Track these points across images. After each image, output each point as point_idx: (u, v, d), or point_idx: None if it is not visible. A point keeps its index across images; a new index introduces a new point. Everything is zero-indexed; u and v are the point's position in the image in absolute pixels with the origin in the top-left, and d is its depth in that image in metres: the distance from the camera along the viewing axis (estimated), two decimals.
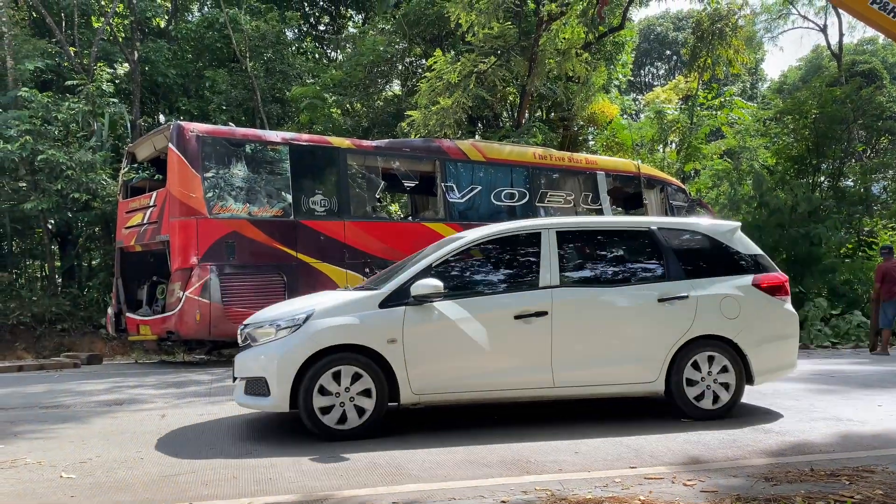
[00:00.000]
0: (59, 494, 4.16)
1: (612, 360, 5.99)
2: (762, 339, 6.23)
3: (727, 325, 6.13)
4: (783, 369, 6.53)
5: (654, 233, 6.42)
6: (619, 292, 6.18)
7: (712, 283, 6.24)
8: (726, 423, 5.96)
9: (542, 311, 5.83)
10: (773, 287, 6.40)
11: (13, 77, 16.78)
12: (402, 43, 23.20)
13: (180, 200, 10.66)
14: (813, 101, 18.75)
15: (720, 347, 6.12)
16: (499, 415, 6.52)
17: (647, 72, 50.24)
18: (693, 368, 6.06)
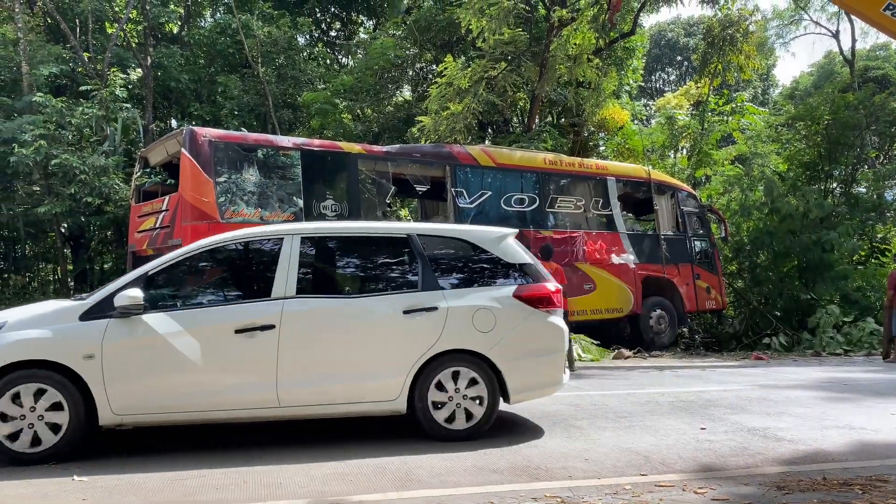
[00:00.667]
0: (72, 497, 4.19)
1: (348, 378, 5.49)
2: (520, 355, 5.78)
3: (479, 338, 5.66)
4: (546, 387, 6.03)
5: (411, 240, 5.96)
6: (361, 304, 5.68)
7: (467, 294, 5.81)
8: (737, 433, 5.92)
9: (268, 325, 5.35)
10: (537, 298, 5.92)
11: (28, 82, 16.94)
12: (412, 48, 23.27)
13: (192, 205, 10.71)
14: (825, 107, 18.65)
15: (472, 363, 5.66)
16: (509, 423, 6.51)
17: (657, 77, 50.15)
18: (440, 386, 5.60)
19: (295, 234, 5.76)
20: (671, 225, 15.74)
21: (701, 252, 16.04)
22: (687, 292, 15.39)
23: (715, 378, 9.85)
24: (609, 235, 14.66)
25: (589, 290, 14.01)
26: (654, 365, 11.95)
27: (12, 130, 15.15)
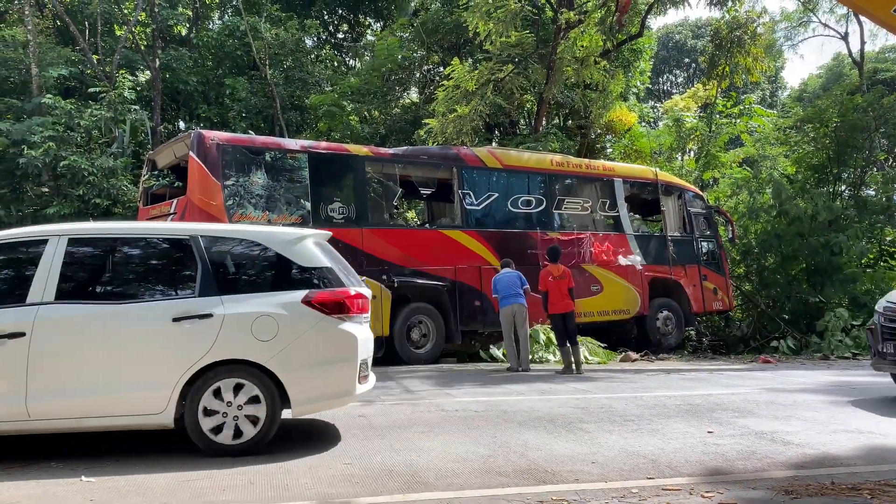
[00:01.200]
0: (79, 497, 4.20)
1: (108, 389, 5.12)
2: (305, 364, 5.41)
3: (258, 347, 5.29)
4: (334, 398, 5.64)
5: (193, 242, 5.58)
6: (126, 311, 5.29)
7: (250, 300, 5.44)
8: (744, 437, 5.90)
9: (18, 333, 5.00)
10: (330, 304, 5.53)
11: (38, 84, 17.05)
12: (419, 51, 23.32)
13: (200, 208, 10.74)
14: (834, 110, 18.58)
15: (249, 373, 5.29)
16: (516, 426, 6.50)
17: (665, 80, 50.07)
18: (214, 397, 5.23)
19: (62, 235, 5.41)
20: (678, 226, 15.71)
21: (708, 253, 16.00)
22: (694, 293, 15.36)
23: (722, 381, 9.81)
24: (616, 237, 14.65)
25: (596, 291, 14.00)
26: (661, 368, 11.91)
27: (22, 132, 15.25)
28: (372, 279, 11.71)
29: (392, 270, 11.91)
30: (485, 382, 9.48)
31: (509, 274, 11.07)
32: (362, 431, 6.07)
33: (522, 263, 12.15)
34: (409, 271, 12.15)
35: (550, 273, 10.82)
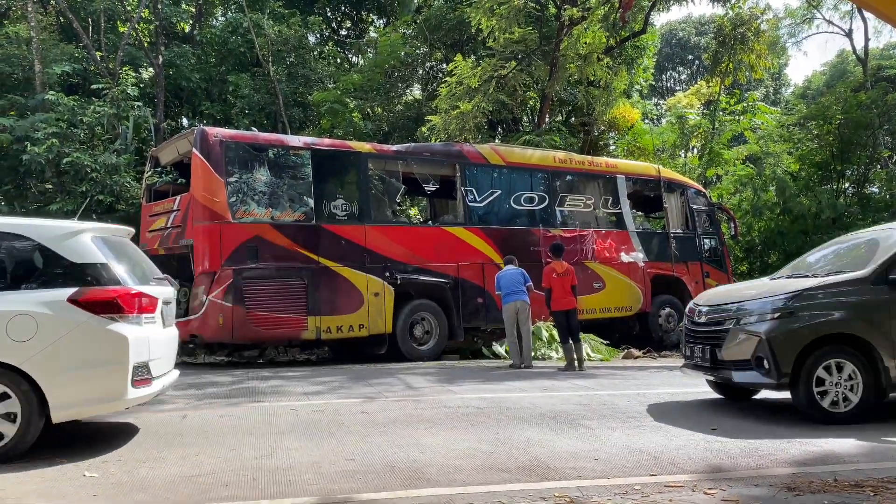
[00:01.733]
0: (83, 493, 4.22)
1: None
2: (68, 367, 5.09)
3: (13, 349, 4.94)
4: (102, 402, 5.36)
5: None
6: None
7: (5, 297, 5.09)
8: (748, 434, 5.89)
9: None
10: (100, 303, 5.20)
11: (41, 81, 17.06)
12: (422, 47, 23.29)
13: (204, 205, 10.75)
14: (837, 107, 18.55)
15: (4, 375, 4.95)
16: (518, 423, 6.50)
17: (668, 77, 49.96)
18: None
19: None
20: (681, 223, 15.69)
21: (710, 250, 15.98)
22: (696, 290, 15.33)
23: None
24: (618, 234, 14.64)
25: (598, 288, 13.99)
26: (663, 365, 11.91)
27: (25, 129, 15.27)
28: (375, 276, 11.72)
29: (395, 267, 11.91)
30: (487, 379, 9.49)
31: (512, 271, 11.08)
32: (365, 428, 6.07)
33: (525, 260, 12.14)
34: (412, 268, 12.15)
35: (554, 270, 10.82)
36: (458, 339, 12.74)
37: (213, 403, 7.56)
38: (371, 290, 11.58)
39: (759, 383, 6.48)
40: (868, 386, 6.21)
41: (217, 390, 8.67)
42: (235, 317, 10.60)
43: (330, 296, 11.29)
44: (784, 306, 6.38)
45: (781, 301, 6.43)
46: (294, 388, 8.50)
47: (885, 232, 7.13)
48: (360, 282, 11.60)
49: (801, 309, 6.34)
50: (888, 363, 6.19)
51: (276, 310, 10.88)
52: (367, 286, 11.57)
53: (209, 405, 7.45)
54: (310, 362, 12.76)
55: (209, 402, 7.71)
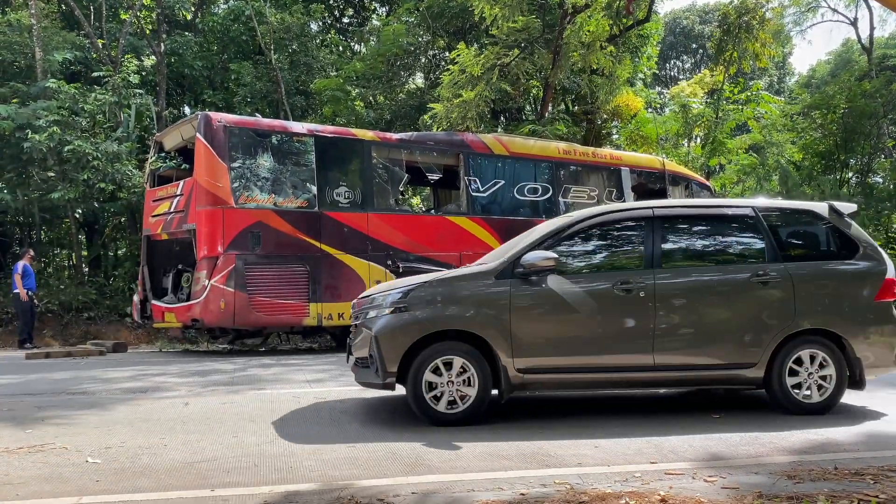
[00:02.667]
0: (85, 479, 4.23)
1: None
2: None
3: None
4: None
5: None
6: None
7: None
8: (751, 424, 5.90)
9: None
10: None
11: (42, 68, 17.03)
12: (425, 35, 23.19)
13: (207, 190, 10.76)
14: (841, 96, 18.48)
15: None
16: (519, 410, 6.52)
17: (672, 65, 49.75)
18: None
19: None
20: None
21: None
22: None
23: None
24: None
25: None
26: None
27: (27, 116, 15.25)
28: (377, 263, 11.73)
29: (397, 255, 11.93)
30: None
31: None
32: (366, 415, 6.09)
33: None
34: (414, 257, 12.17)
35: None
36: None
37: (215, 390, 7.59)
38: (373, 278, 11.61)
39: (371, 383, 5.87)
40: (484, 385, 5.64)
41: (219, 377, 8.70)
42: (237, 302, 10.64)
43: (332, 282, 11.32)
44: (399, 300, 5.82)
45: (398, 294, 5.87)
46: (296, 375, 8.52)
47: (557, 219, 6.58)
48: (362, 269, 11.62)
49: (415, 303, 5.77)
50: (506, 362, 5.68)
51: (278, 295, 10.92)
52: (369, 274, 11.60)
53: (212, 392, 7.48)
54: (312, 350, 12.79)
55: (212, 388, 7.74)
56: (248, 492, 3.99)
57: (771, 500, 3.81)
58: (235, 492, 3.99)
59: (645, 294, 5.86)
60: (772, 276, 6.04)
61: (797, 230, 6.53)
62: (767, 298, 6.03)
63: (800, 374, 6.03)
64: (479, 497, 3.88)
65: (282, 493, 3.96)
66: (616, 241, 6.36)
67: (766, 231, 6.25)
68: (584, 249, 6.19)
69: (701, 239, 6.41)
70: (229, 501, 3.83)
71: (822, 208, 6.47)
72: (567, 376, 5.87)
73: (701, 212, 6.51)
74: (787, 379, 5.99)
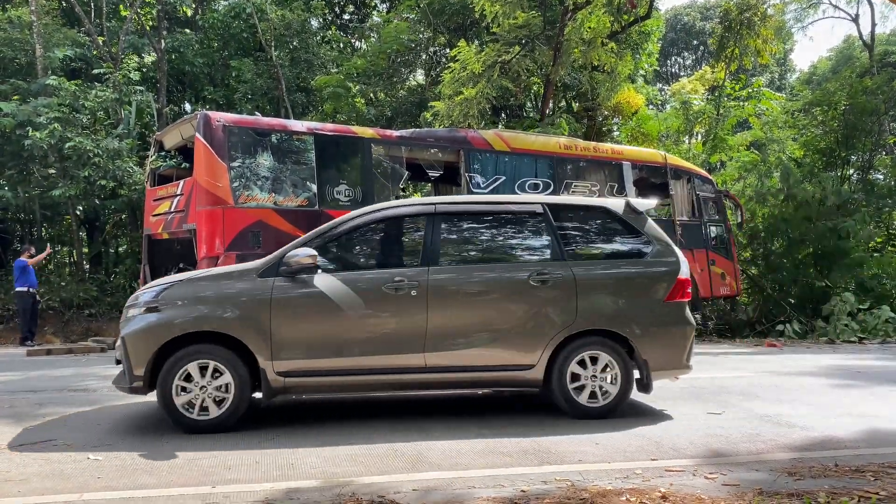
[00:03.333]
0: (87, 475, 4.24)
1: None
2: None
3: None
4: None
5: None
6: None
7: None
8: (748, 420, 5.91)
9: None
10: None
11: (42, 65, 17.02)
12: (426, 32, 23.17)
13: (207, 189, 10.75)
14: (843, 92, 18.43)
15: None
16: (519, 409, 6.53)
17: (673, 62, 49.68)
18: None
19: None
20: (686, 210, 15.63)
21: (716, 237, 15.93)
22: (701, 278, 15.31)
23: (727, 364, 9.82)
24: None
25: None
26: None
27: (27, 113, 15.25)
28: None
29: None
30: None
31: None
32: (367, 412, 6.10)
33: None
34: None
35: None
36: None
37: None
38: None
39: (121, 387, 5.47)
40: (240, 390, 5.34)
41: None
42: None
43: None
44: (151, 300, 5.46)
45: (152, 294, 5.53)
46: None
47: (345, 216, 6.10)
48: None
49: (168, 303, 5.41)
50: (265, 364, 5.38)
51: None
52: None
53: None
54: None
55: None
56: (249, 488, 4.00)
57: (772, 496, 3.82)
58: (237, 488, 4.00)
59: (417, 293, 5.58)
60: (553, 275, 5.78)
61: (589, 228, 6.26)
62: (547, 298, 5.75)
63: (583, 378, 5.77)
64: (479, 494, 3.89)
65: (283, 489, 3.97)
66: (395, 237, 6.11)
67: (554, 228, 6.00)
68: (360, 246, 5.97)
69: (484, 236, 6.12)
70: (231, 498, 3.84)
71: (616, 205, 6.24)
72: (333, 379, 5.52)
73: (486, 208, 6.17)
74: (570, 382, 5.74)
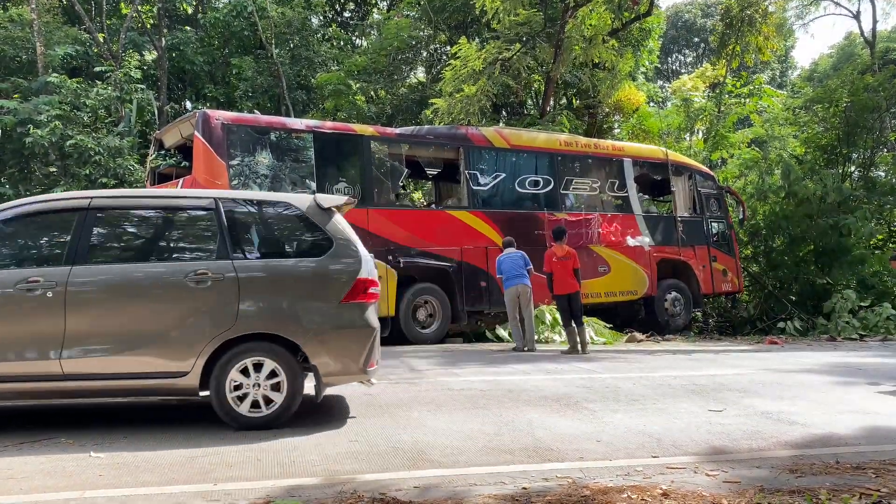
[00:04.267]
0: (88, 473, 4.25)
1: None
2: None
3: None
4: None
5: None
6: None
7: None
8: (749, 417, 5.91)
9: None
10: None
11: (43, 63, 17.02)
12: (426, 29, 23.15)
13: (205, 188, 10.74)
14: (844, 89, 18.40)
15: None
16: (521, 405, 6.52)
17: (674, 59, 49.62)
18: None
19: None
20: (688, 206, 15.64)
21: (718, 234, 15.93)
22: (703, 274, 15.32)
23: (728, 362, 9.82)
24: (624, 217, 14.60)
25: (603, 272, 13.98)
26: (666, 348, 11.92)
27: (28, 111, 15.25)
28: (378, 259, 11.70)
29: (398, 251, 11.92)
30: (490, 362, 9.51)
31: (513, 255, 11.06)
32: (369, 409, 6.10)
33: (530, 244, 12.13)
34: (415, 252, 12.15)
35: (555, 253, 10.81)
36: (461, 323, 12.76)
37: None
38: None
39: None
40: None
41: None
42: None
43: None
44: None
45: None
46: None
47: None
48: None
49: None
50: None
51: None
52: None
53: None
54: None
55: None
56: (250, 486, 4.00)
57: (773, 494, 3.82)
58: (238, 486, 4.00)
59: (54, 294, 5.09)
60: (213, 275, 5.32)
61: (268, 224, 5.86)
62: (205, 300, 5.31)
63: (245, 385, 5.32)
64: (480, 491, 3.89)
65: (284, 487, 3.97)
66: (40, 234, 5.57)
67: (223, 225, 5.52)
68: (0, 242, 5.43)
69: (145, 233, 5.73)
70: (232, 495, 3.84)
71: (301, 201, 5.79)
72: None
73: (150, 202, 5.72)
74: (233, 390, 5.28)
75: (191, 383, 5.25)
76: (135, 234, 5.69)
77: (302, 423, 5.60)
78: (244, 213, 5.73)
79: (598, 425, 5.51)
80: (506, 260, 11.07)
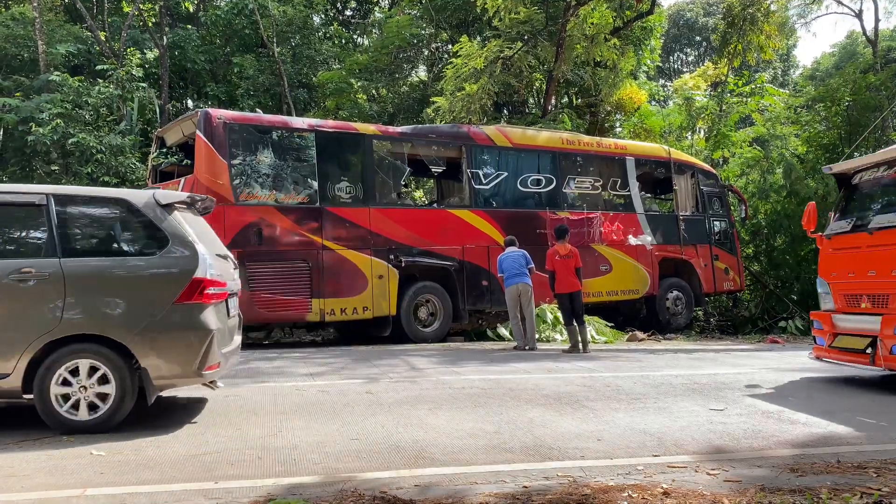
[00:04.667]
0: (90, 471, 4.25)
1: None
2: None
3: None
4: None
5: None
6: None
7: None
8: (750, 416, 5.90)
9: None
10: None
11: (45, 61, 17.03)
12: (428, 28, 23.15)
13: (207, 187, 10.73)
14: (846, 88, 18.38)
15: None
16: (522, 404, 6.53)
17: (676, 58, 49.58)
18: None
19: None
20: (690, 205, 15.61)
21: (720, 233, 15.89)
22: (705, 273, 15.29)
23: (729, 361, 9.81)
24: (626, 216, 14.58)
25: (605, 271, 13.97)
26: (668, 347, 11.92)
27: (30, 109, 15.26)
28: (379, 258, 11.72)
29: (399, 250, 11.91)
30: (491, 361, 9.51)
31: (514, 253, 11.05)
32: (369, 408, 6.10)
33: (532, 243, 12.12)
34: (417, 251, 12.15)
35: (557, 252, 10.80)
36: (462, 322, 12.76)
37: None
38: (375, 273, 11.60)
39: None
40: None
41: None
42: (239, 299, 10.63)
43: (334, 278, 11.31)
44: None
45: None
46: (299, 368, 8.54)
47: None
48: (364, 264, 11.60)
49: None
50: None
51: (280, 292, 10.91)
52: (371, 268, 11.58)
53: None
54: (315, 343, 12.82)
55: None
56: (251, 484, 4.00)
57: (773, 493, 3.82)
58: (239, 484, 4.01)
59: None
60: (37, 274, 5.15)
61: (101, 222, 5.68)
62: (27, 299, 5.16)
63: (72, 387, 5.15)
64: (481, 490, 3.89)
65: (285, 485, 3.98)
66: None
67: (53, 222, 5.32)
68: None
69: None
70: (233, 493, 3.85)
71: (138, 198, 5.59)
72: None
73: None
74: (58, 393, 5.12)
75: (13, 385, 5.11)
76: None
77: (303, 422, 5.61)
78: (77, 211, 5.55)
79: (599, 424, 5.51)
80: (506, 258, 11.06)
